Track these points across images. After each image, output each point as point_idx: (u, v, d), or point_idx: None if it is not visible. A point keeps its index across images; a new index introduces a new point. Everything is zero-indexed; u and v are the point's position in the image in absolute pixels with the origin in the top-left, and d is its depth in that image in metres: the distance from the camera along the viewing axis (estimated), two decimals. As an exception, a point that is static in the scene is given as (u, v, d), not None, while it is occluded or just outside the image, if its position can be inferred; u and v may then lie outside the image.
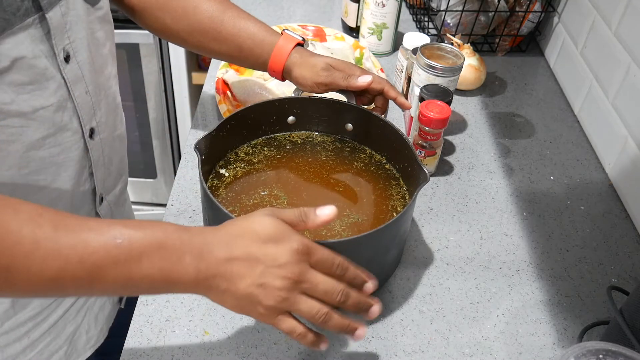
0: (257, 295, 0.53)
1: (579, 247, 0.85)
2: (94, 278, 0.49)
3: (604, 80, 1.01)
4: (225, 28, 0.82)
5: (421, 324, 0.74)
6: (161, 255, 0.50)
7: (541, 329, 0.74)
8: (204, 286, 0.53)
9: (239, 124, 0.82)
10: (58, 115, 0.62)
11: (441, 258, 0.82)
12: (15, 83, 0.55)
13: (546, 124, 1.08)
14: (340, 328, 0.58)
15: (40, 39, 0.57)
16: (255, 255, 0.53)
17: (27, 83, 0.57)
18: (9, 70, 0.54)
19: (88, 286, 0.49)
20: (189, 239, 0.52)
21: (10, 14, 0.53)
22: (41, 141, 0.61)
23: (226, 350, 0.69)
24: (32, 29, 0.55)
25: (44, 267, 0.47)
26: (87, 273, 0.48)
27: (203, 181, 0.69)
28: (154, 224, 0.52)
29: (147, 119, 1.74)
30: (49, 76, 0.59)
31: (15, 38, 0.53)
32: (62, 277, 0.48)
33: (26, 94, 0.57)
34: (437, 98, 0.90)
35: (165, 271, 0.51)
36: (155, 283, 0.51)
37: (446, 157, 0.99)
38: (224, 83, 1.05)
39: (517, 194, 0.93)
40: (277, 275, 0.53)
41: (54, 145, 0.63)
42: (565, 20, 1.18)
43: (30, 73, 0.56)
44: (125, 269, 0.49)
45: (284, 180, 0.82)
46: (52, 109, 0.60)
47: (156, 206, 1.95)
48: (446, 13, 1.21)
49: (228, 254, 0.53)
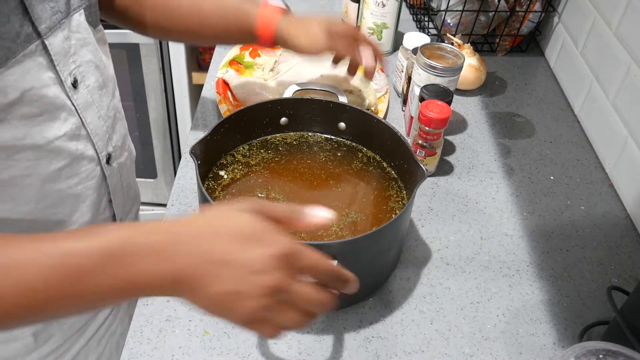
0: (232, 302, 0.46)
1: (579, 247, 0.85)
2: (40, 299, 0.43)
3: (604, 80, 1.01)
4: (207, 8, 0.79)
5: (421, 324, 0.74)
6: (114, 262, 0.44)
7: (541, 329, 0.74)
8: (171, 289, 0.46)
9: (233, 126, 0.82)
10: (72, 145, 0.59)
11: (441, 258, 0.82)
12: (26, 116, 0.53)
13: (546, 124, 1.08)
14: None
15: (46, 66, 0.54)
16: (231, 258, 0.45)
17: (38, 114, 0.54)
18: (19, 103, 0.52)
19: (38, 307, 0.44)
20: (145, 240, 0.45)
21: (10, 41, 0.50)
22: (57, 173, 0.58)
23: (226, 350, 0.69)
24: (37, 56, 0.53)
25: None
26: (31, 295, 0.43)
27: (201, 186, 0.69)
28: (107, 230, 0.45)
29: (147, 119, 1.74)
30: (58, 104, 0.56)
31: (21, 67, 0.51)
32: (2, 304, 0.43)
33: (38, 126, 0.55)
34: (437, 98, 0.90)
35: (123, 278, 0.44)
36: (114, 290, 0.45)
37: (446, 157, 0.99)
38: (224, 83, 1.05)
39: (517, 194, 0.93)
40: (255, 283, 0.45)
41: (71, 176, 0.60)
42: (566, 20, 1.18)
43: (40, 103, 0.54)
44: (74, 284, 0.43)
45: (281, 182, 0.82)
46: (66, 139, 0.58)
47: (156, 206, 1.95)
48: (446, 13, 1.21)
49: (200, 253, 0.45)
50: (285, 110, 0.86)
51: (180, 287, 0.46)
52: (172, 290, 0.46)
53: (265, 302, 0.46)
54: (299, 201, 0.79)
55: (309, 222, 0.50)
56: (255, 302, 0.46)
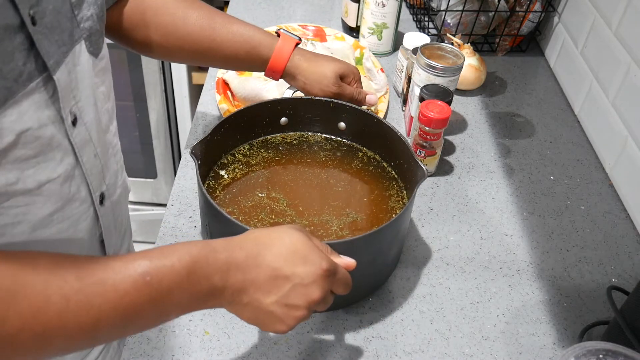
0: (280, 314, 0.53)
1: (579, 247, 0.85)
2: (128, 320, 0.47)
3: (604, 80, 1.01)
4: (218, 35, 0.80)
5: (421, 324, 0.74)
6: (191, 281, 0.49)
7: (541, 329, 0.74)
8: (227, 301, 0.52)
9: (233, 126, 0.82)
10: (66, 187, 0.55)
11: (441, 258, 0.82)
12: (20, 159, 0.48)
13: (546, 124, 1.08)
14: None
15: (45, 104, 0.49)
16: (284, 273, 0.52)
17: (32, 157, 0.49)
18: (14, 147, 0.47)
19: (122, 328, 0.48)
20: (214, 258, 0.50)
21: (12, 81, 0.45)
22: (48, 218, 0.54)
23: (226, 350, 0.69)
24: (36, 94, 0.48)
25: (79, 321, 0.44)
26: (122, 316, 0.46)
27: (202, 186, 0.69)
28: (178, 249, 0.49)
29: (147, 119, 1.74)
30: (54, 145, 0.51)
31: (18, 108, 0.46)
32: (98, 328, 0.45)
33: (31, 169, 0.50)
34: (437, 98, 0.90)
35: (196, 295, 0.50)
36: (186, 308, 0.51)
37: (446, 157, 0.99)
38: (224, 83, 1.05)
39: (517, 194, 0.93)
40: (303, 295, 0.53)
41: (62, 221, 0.56)
42: (566, 20, 1.18)
43: (36, 145, 0.49)
44: (159, 304, 0.48)
45: (281, 182, 0.82)
46: (60, 181, 0.54)
47: (156, 206, 1.95)
48: (446, 13, 1.21)
49: (255, 269, 0.52)
50: (285, 110, 0.86)
51: (234, 299, 0.52)
52: (227, 302, 0.52)
53: (308, 311, 0.54)
54: (299, 201, 0.79)
55: (337, 261, 0.58)
56: (301, 312, 0.53)
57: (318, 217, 0.77)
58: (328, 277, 0.54)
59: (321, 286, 0.54)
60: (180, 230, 0.82)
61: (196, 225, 0.83)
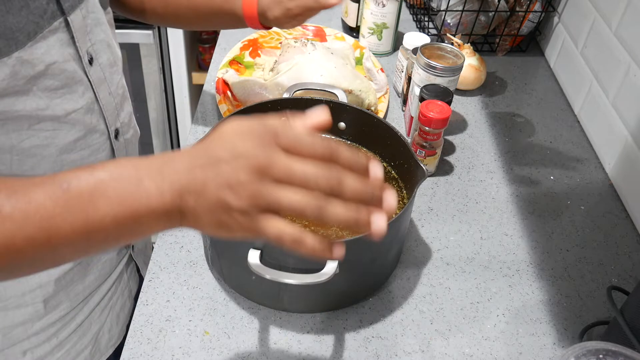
0: (226, 198, 0.42)
1: (579, 247, 0.85)
2: (49, 233, 0.43)
3: (604, 80, 1.01)
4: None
5: (421, 324, 0.74)
6: (115, 186, 0.43)
7: (541, 329, 0.74)
8: (175, 210, 0.44)
9: None
10: (87, 118, 0.63)
11: (441, 258, 0.82)
12: (49, 88, 0.57)
13: (546, 124, 1.08)
14: (349, 219, 0.43)
15: (67, 43, 0.58)
16: (216, 154, 0.43)
17: (59, 87, 0.58)
18: (43, 75, 0.55)
19: (47, 244, 0.44)
20: (146, 163, 0.45)
21: (39, 16, 0.54)
22: (73, 144, 0.62)
23: (226, 350, 0.69)
24: (59, 32, 0.57)
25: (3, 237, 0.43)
26: (39, 229, 0.43)
27: None
28: (105, 162, 0.45)
29: (147, 119, 1.74)
30: (77, 79, 0.60)
31: (46, 42, 0.55)
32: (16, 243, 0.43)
33: (58, 98, 0.58)
34: (437, 98, 0.90)
35: (126, 203, 0.43)
36: (121, 221, 0.44)
37: (446, 157, 0.99)
38: (224, 83, 1.05)
39: (517, 194, 0.93)
40: (239, 166, 0.42)
41: (84, 148, 0.64)
42: (566, 20, 1.18)
43: (62, 77, 0.58)
44: (81, 214, 0.43)
45: None
46: (82, 112, 0.62)
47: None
48: (446, 13, 1.21)
49: (190, 164, 0.44)
50: (285, 110, 0.86)
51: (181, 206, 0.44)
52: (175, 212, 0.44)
53: (258, 184, 0.42)
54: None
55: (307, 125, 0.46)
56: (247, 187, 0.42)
57: (318, 217, 0.77)
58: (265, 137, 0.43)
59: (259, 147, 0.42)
60: (180, 231, 0.82)
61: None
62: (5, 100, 0.53)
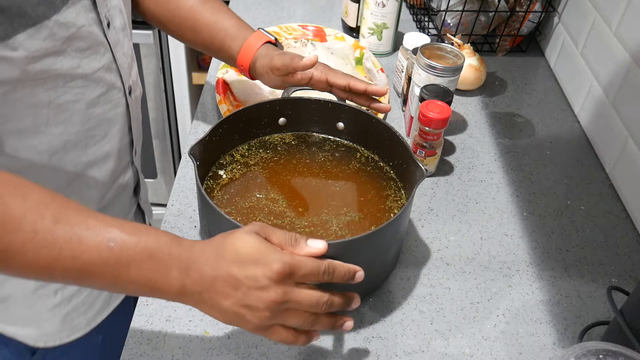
0: (244, 314, 0.55)
1: (579, 247, 0.85)
2: (83, 273, 0.51)
3: (604, 80, 1.01)
4: (203, 18, 0.85)
5: (421, 324, 0.74)
6: (149, 265, 0.52)
7: (541, 329, 0.74)
8: (192, 299, 0.55)
9: (232, 127, 0.82)
10: (108, 76, 0.70)
11: (441, 258, 0.82)
12: (79, 49, 0.63)
13: (546, 124, 1.08)
14: (329, 325, 0.61)
15: (89, 9, 0.64)
16: (235, 277, 0.54)
17: (87, 48, 0.65)
18: (75, 37, 0.62)
19: (76, 279, 0.52)
20: (178, 253, 0.54)
21: None
22: (97, 99, 0.69)
23: (226, 350, 0.69)
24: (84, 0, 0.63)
25: (39, 256, 0.50)
26: (77, 268, 0.51)
27: (200, 187, 0.69)
28: (149, 231, 0.54)
29: (147, 119, 1.74)
30: (99, 41, 0.67)
31: (75, 8, 0.61)
32: (53, 268, 0.51)
33: (86, 58, 0.65)
34: (437, 98, 0.90)
35: (151, 281, 0.53)
36: (141, 289, 0.54)
37: (446, 157, 0.99)
38: (224, 83, 1.05)
39: (517, 194, 0.93)
40: (259, 298, 0.54)
41: (106, 103, 0.71)
42: (566, 20, 1.18)
43: (89, 39, 0.64)
44: (114, 272, 0.52)
45: (280, 182, 0.82)
46: (104, 70, 0.69)
47: (156, 206, 1.95)
48: (446, 13, 1.21)
49: (213, 273, 0.54)
50: (283, 110, 0.86)
51: (198, 299, 0.55)
52: (191, 300, 0.55)
53: (273, 313, 0.55)
54: (298, 201, 0.79)
55: (305, 252, 0.58)
56: (263, 313, 0.55)
57: (317, 217, 0.77)
58: (282, 277, 0.54)
59: (277, 285, 0.54)
60: (180, 231, 0.82)
61: (196, 226, 0.83)
62: (47, 60, 0.60)
